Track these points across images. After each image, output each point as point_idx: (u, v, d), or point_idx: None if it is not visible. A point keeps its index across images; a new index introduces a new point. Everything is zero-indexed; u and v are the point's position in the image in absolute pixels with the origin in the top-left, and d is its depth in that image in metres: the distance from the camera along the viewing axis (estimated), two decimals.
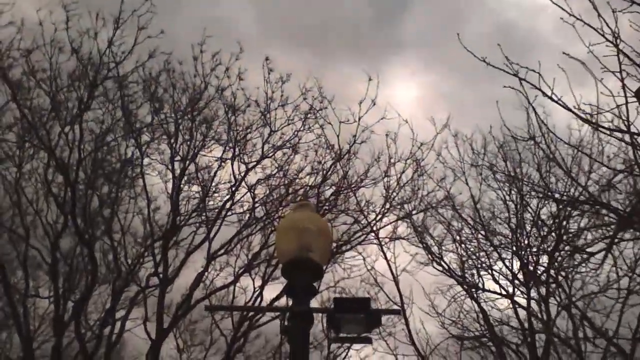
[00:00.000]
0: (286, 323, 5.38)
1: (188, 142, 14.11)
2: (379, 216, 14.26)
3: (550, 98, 7.34)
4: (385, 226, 14.38)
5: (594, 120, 7.46)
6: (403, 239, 14.35)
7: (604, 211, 8.73)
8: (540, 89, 7.41)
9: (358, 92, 13.87)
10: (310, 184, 14.40)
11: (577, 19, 7.24)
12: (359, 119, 13.80)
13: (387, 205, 14.20)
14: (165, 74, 13.84)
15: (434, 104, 27.13)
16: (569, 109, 7.40)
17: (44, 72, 13.27)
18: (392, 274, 13.56)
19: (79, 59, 13.26)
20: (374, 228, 14.19)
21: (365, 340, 5.50)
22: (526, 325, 13.22)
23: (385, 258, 13.76)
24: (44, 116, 13.43)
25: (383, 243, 14.01)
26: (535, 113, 8.54)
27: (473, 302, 13.87)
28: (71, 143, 13.15)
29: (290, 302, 5.45)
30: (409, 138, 14.32)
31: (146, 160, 14.27)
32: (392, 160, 14.24)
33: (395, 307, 13.18)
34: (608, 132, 7.53)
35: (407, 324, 13.14)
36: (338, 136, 13.97)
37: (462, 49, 7.78)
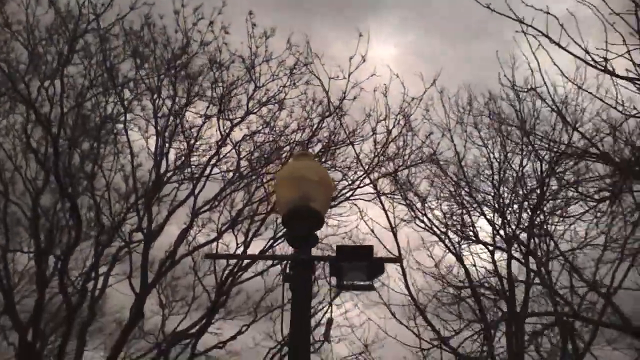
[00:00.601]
0: (288, 271, 5.41)
1: (172, 98, 13.92)
2: (374, 166, 14.28)
3: (558, 44, 7.35)
4: (380, 177, 14.44)
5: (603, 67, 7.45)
6: (388, 194, 14.43)
7: (609, 162, 8.80)
8: (547, 36, 7.41)
9: (339, 53, 13.69)
10: (297, 140, 14.35)
11: None
12: (349, 75, 13.66)
13: (376, 161, 14.25)
14: (146, 28, 13.54)
15: (415, 64, 27.08)
16: (581, 58, 7.39)
17: (19, 24, 12.89)
18: (390, 224, 13.56)
19: (56, 10, 12.86)
20: (371, 178, 14.22)
21: (367, 288, 5.55)
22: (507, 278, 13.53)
23: (384, 208, 13.73)
24: (23, 70, 13.06)
25: (381, 193, 13.97)
26: (537, 59, 8.40)
27: (455, 257, 14.10)
28: (52, 98, 12.87)
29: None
30: (400, 92, 14.28)
31: (129, 116, 14.04)
32: (381, 117, 14.23)
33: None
34: (620, 78, 7.52)
35: (404, 275, 13.23)
36: (327, 92, 13.86)
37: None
